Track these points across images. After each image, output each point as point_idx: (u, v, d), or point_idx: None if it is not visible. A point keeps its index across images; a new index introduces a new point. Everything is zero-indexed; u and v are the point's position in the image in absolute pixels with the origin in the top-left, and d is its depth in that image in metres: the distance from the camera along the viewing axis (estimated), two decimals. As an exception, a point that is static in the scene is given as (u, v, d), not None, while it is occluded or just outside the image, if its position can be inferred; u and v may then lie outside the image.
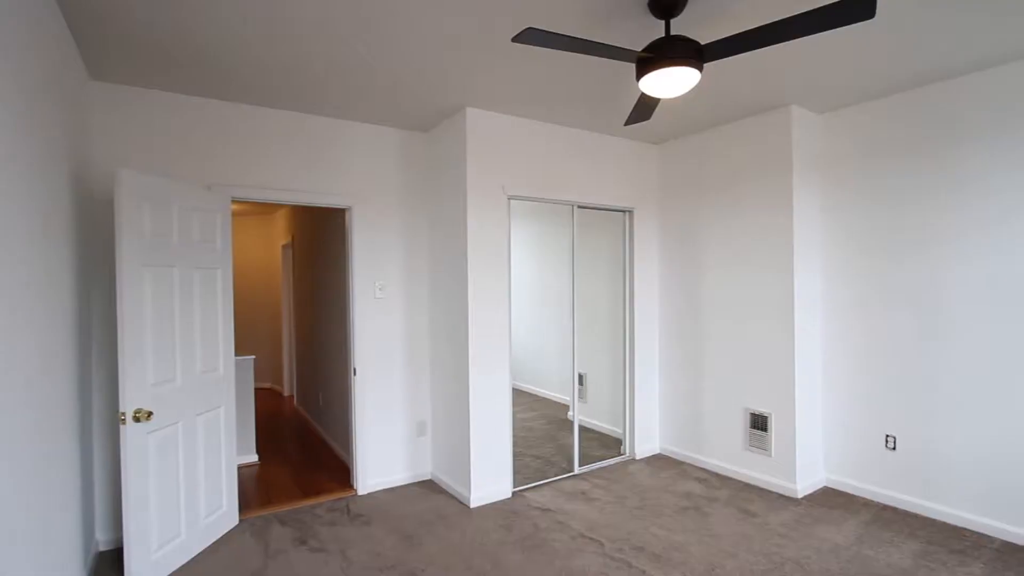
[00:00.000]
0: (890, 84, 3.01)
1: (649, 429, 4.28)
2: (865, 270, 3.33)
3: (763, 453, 3.55)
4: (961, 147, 2.91)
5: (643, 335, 4.22)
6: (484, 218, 3.38)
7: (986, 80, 2.82)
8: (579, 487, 3.65)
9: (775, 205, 3.44)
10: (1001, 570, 2.54)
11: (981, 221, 2.85)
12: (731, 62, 2.70)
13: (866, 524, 3.02)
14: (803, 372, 3.43)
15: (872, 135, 3.27)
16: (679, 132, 3.93)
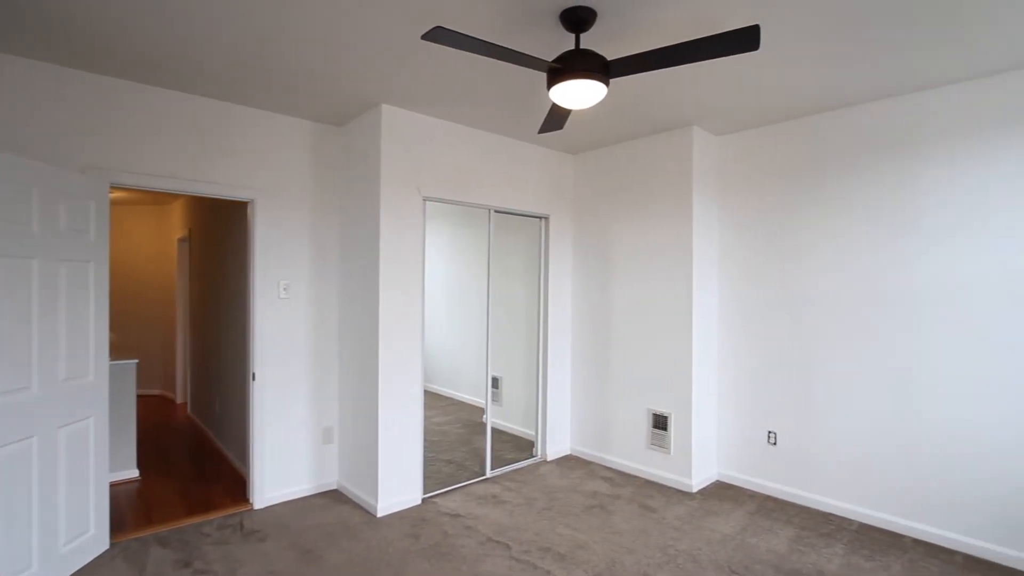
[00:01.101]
0: (776, 113, 3.31)
1: (561, 431, 4.38)
2: (754, 280, 3.63)
3: (663, 451, 3.76)
4: (828, 170, 3.26)
5: (556, 339, 4.32)
6: (398, 218, 3.31)
7: (850, 115, 3.18)
8: (490, 491, 3.65)
9: (677, 217, 3.66)
10: (858, 548, 2.86)
11: (845, 234, 3.21)
12: (640, 83, 2.85)
13: (751, 514, 3.29)
14: (700, 374, 3.67)
15: (762, 157, 3.58)
16: (593, 144, 4.08)
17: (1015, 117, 2.65)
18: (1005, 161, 2.68)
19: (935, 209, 2.89)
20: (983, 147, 2.75)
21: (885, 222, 3.06)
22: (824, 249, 3.30)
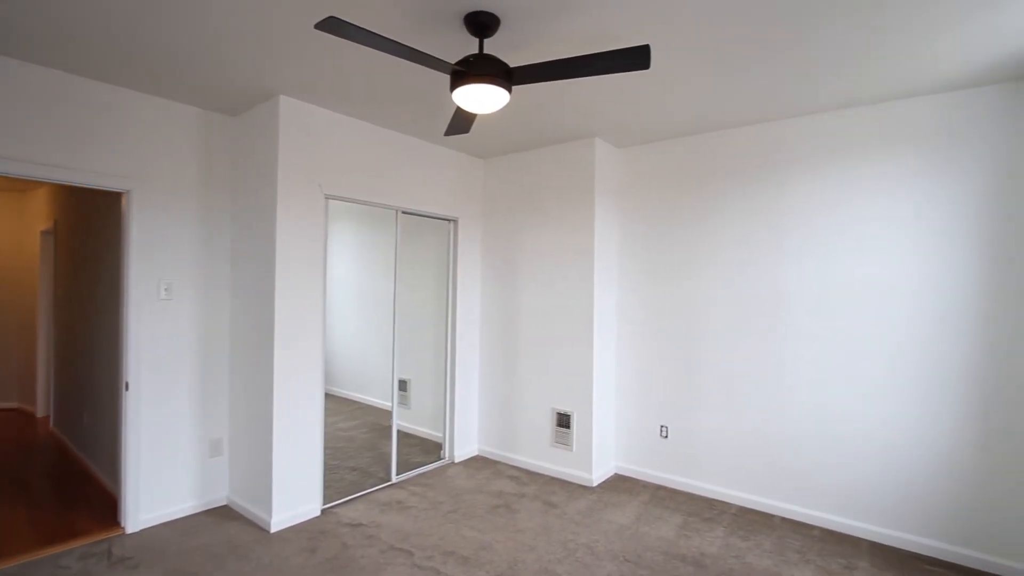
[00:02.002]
0: (670, 130, 3.56)
1: (468, 432, 4.39)
2: (650, 284, 3.87)
3: (566, 448, 3.89)
4: (715, 185, 3.57)
5: (465, 341, 4.33)
6: (297, 216, 3.15)
7: (732, 136, 3.50)
8: (395, 496, 3.58)
9: (580, 224, 3.82)
10: (736, 530, 3.14)
11: (729, 243, 3.52)
12: (545, 92, 2.93)
13: (644, 504, 3.49)
14: (600, 374, 3.85)
15: (658, 170, 3.83)
16: (502, 149, 4.14)
17: (863, 146, 3.05)
18: (858, 183, 3.08)
19: (800, 223, 3.25)
20: (839, 170, 3.13)
21: (761, 234, 3.40)
22: (711, 257, 3.59)
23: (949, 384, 2.81)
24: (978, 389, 2.74)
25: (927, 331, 2.87)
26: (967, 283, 2.77)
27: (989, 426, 2.71)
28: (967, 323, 2.77)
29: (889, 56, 2.42)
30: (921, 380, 2.88)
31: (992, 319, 2.71)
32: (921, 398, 2.88)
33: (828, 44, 2.32)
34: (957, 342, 2.79)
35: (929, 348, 2.86)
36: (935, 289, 2.84)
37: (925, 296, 2.87)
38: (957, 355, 2.79)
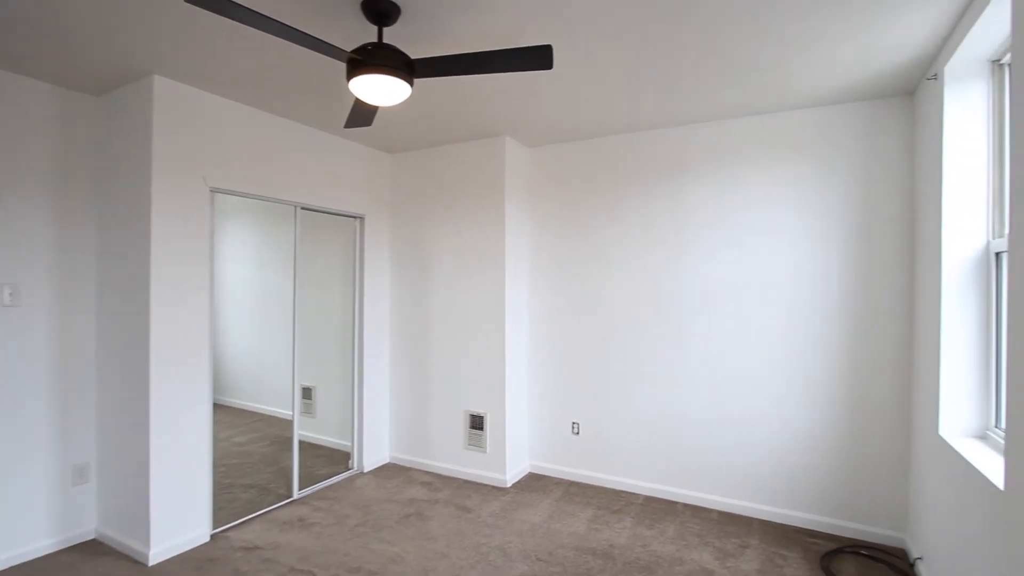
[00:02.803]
0: (578, 132, 3.62)
1: (379, 439, 4.21)
2: (560, 284, 3.93)
3: (480, 450, 3.85)
4: (623, 187, 3.69)
5: (373, 344, 4.15)
6: (178, 211, 2.83)
7: (638, 139, 3.63)
8: (297, 513, 3.34)
9: (491, 223, 3.79)
10: (643, 519, 3.26)
11: (636, 244, 3.65)
12: (456, 89, 2.86)
13: (557, 501, 3.53)
14: (513, 373, 3.84)
15: (568, 171, 3.89)
16: (411, 144, 4.00)
17: (755, 153, 3.28)
18: (751, 187, 3.31)
19: (700, 225, 3.44)
20: (734, 175, 3.35)
21: (666, 235, 3.55)
22: (619, 256, 3.70)
23: (823, 373, 3.10)
24: (846, 377, 3.05)
25: (805, 325, 3.14)
26: (838, 282, 3.07)
27: (855, 409, 3.03)
28: (837, 318, 3.07)
29: (776, 70, 2.61)
30: (801, 370, 3.15)
31: (855, 314, 3.02)
32: (801, 386, 3.15)
33: (724, 56, 2.45)
34: (829, 335, 3.08)
35: (807, 341, 3.14)
36: (812, 287, 3.12)
37: (804, 293, 3.14)
38: (829, 347, 3.08)
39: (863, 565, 2.74)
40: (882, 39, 2.28)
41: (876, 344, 2.98)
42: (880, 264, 2.97)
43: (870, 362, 2.99)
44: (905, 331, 2.91)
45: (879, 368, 2.97)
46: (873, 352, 2.98)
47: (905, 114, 2.90)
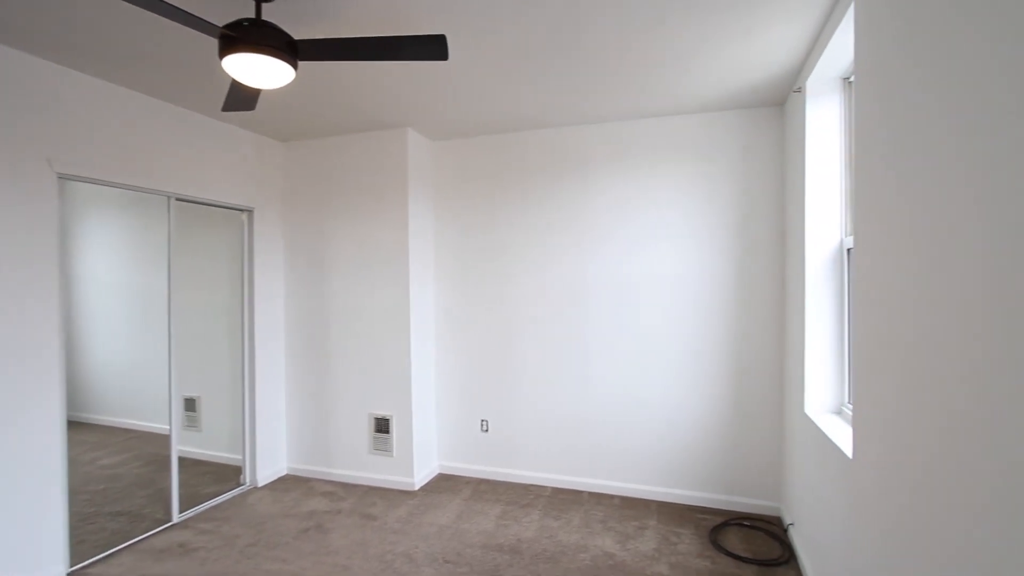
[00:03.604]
0: (484, 126, 3.59)
1: (275, 450, 3.92)
2: (468, 280, 3.89)
3: (386, 454, 3.71)
4: (531, 182, 3.72)
5: (267, 347, 3.85)
6: (12, 201, 2.41)
7: (545, 135, 3.68)
8: (178, 539, 3.01)
9: (394, 217, 3.65)
10: (550, 511, 3.31)
11: (543, 240, 3.69)
12: (353, 76, 2.70)
13: (466, 500, 3.50)
14: (419, 373, 3.75)
15: (475, 165, 3.85)
16: (306, 133, 3.75)
17: (650, 153, 3.44)
18: (646, 186, 3.46)
19: (601, 221, 3.56)
20: (632, 174, 3.49)
21: (569, 230, 3.63)
22: (523, 252, 3.73)
23: (710, 360, 3.34)
24: (730, 363, 3.30)
25: (694, 316, 3.36)
26: (722, 273, 3.31)
27: (737, 394, 3.29)
28: (721, 308, 3.31)
29: (662, 78, 2.75)
30: (690, 359, 3.37)
31: (736, 304, 3.28)
32: (691, 374, 3.37)
33: (614, 61, 2.53)
34: (714, 324, 3.32)
35: (696, 331, 3.36)
36: (700, 279, 3.35)
37: (693, 285, 3.36)
38: (715, 336, 3.33)
39: (745, 535, 2.99)
40: (752, 55, 2.48)
41: (754, 331, 3.26)
42: (757, 258, 3.25)
43: (749, 349, 3.27)
44: (778, 319, 3.21)
45: (757, 354, 3.25)
46: (752, 339, 3.26)
47: (777, 122, 3.20)
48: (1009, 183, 1.02)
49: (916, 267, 1.41)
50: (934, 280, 1.32)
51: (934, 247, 1.32)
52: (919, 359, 1.39)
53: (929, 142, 1.34)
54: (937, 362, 1.31)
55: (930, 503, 1.31)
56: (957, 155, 1.22)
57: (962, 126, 1.20)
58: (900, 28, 1.45)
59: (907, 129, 1.44)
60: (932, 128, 1.33)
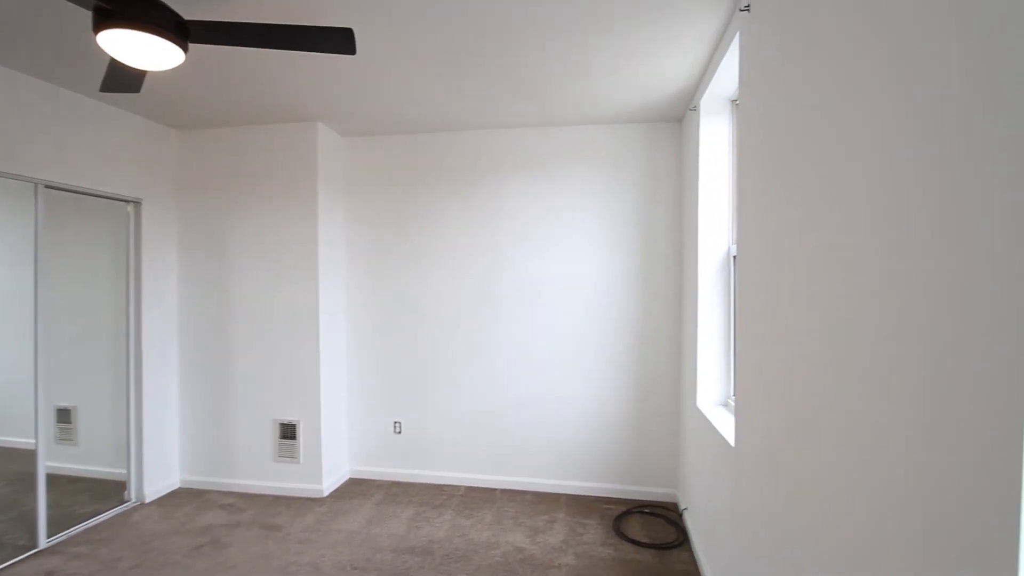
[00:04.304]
0: (398, 125, 3.53)
1: (166, 462, 3.61)
2: (381, 279, 3.80)
3: (292, 461, 3.55)
4: (441, 183, 3.71)
5: (156, 350, 3.54)
6: None
7: (459, 138, 3.68)
8: (45, 567, 2.69)
9: (303, 215, 3.50)
10: (463, 510, 3.33)
11: (451, 241, 3.70)
12: (257, 64, 2.55)
13: (377, 504, 3.43)
14: (329, 376, 3.62)
15: (387, 164, 3.78)
16: (206, 121, 3.49)
17: (562, 160, 3.55)
18: (557, 191, 3.57)
19: (513, 224, 3.62)
20: (543, 179, 3.58)
21: (482, 232, 3.66)
22: (437, 252, 3.72)
23: (615, 357, 3.52)
24: (633, 360, 3.50)
25: (602, 316, 3.53)
26: (627, 279, 3.50)
27: (639, 388, 3.50)
28: (626, 309, 3.50)
29: (568, 90, 2.86)
30: (598, 356, 3.53)
31: (640, 304, 3.49)
32: (598, 371, 3.53)
33: (522, 70, 2.60)
34: (620, 325, 3.51)
35: (603, 330, 3.53)
36: (605, 283, 3.52)
37: (599, 288, 3.52)
38: (620, 335, 3.51)
39: (646, 521, 3.18)
40: (654, 75, 2.66)
41: (655, 331, 3.48)
42: (658, 263, 3.47)
43: (650, 348, 3.48)
44: (676, 320, 3.45)
45: (657, 352, 3.48)
46: (653, 339, 3.48)
47: (676, 137, 3.43)
48: (855, 203, 1.17)
49: (778, 274, 1.59)
50: (794, 286, 1.49)
51: (794, 257, 1.49)
52: (783, 356, 1.56)
53: (793, 161, 1.50)
54: (797, 359, 1.47)
55: (798, 486, 1.47)
56: (813, 176, 1.39)
57: (822, 148, 1.36)
58: (775, 58, 1.62)
59: (778, 148, 1.61)
60: (797, 148, 1.49)
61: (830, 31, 1.23)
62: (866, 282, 1.06)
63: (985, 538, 0.74)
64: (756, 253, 1.79)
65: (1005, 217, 0.71)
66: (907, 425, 0.92)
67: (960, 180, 0.80)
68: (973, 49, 0.77)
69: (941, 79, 0.84)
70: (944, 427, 0.83)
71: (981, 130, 0.75)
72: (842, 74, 1.17)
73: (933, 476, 0.85)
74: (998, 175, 0.72)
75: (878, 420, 1.02)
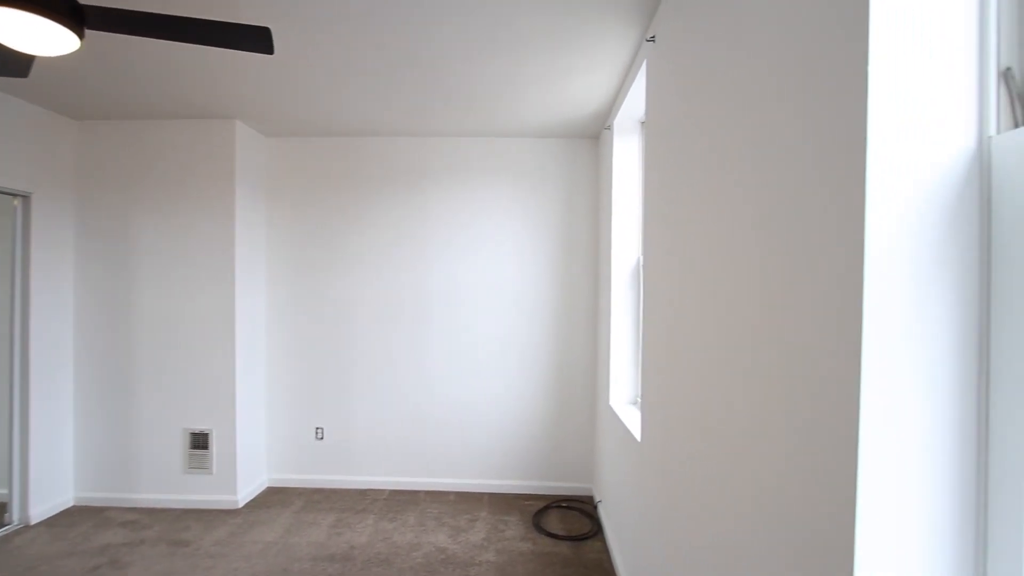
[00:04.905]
0: (323, 128, 3.48)
1: (57, 479, 3.32)
2: (303, 283, 3.72)
3: (204, 472, 3.38)
4: (371, 189, 3.69)
5: (47, 357, 3.25)
6: None
7: (387, 144, 3.68)
8: (-97, 600, 2.40)
9: (219, 215, 3.36)
10: (386, 513, 3.32)
11: (378, 246, 3.69)
12: (173, 55, 2.44)
13: (297, 512, 3.34)
14: (245, 382, 3.49)
15: (312, 166, 3.71)
16: (110, 112, 3.26)
17: (486, 170, 3.65)
18: (483, 199, 3.66)
19: (439, 230, 3.67)
20: (470, 187, 3.66)
21: (408, 238, 3.68)
22: (363, 257, 3.69)
23: (537, 358, 3.65)
24: (553, 360, 3.65)
25: (526, 320, 3.65)
26: (549, 285, 3.65)
27: (559, 388, 3.65)
28: (548, 313, 3.65)
29: (493, 103, 2.96)
30: (521, 357, 3.65)
31: (560, 309, 3.65)
32: (521, 371, 3.65)
33: (458, 85, 2.67)
34: (542, 327, 3.65)
35: (527, 333, 3.65)
36: (531, 290, 3.65)
37: (526, 295, 3.65)
38: (543, 337, 3.65)
39: (563, 515, 3.33)
40: (573, 96, 2.82)
41: (574, 334, 3.65)
42: (577, 270, 3.64)
43: (569, 350, 3.65)
44: (593, 323, 3.64)
45: (576, 354, 3.65)
46: (572, 341, 3.65)
47: (594, 153, 3.63)
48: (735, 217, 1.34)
49: (674, 280, 1.76)
50: (683, 292, 1.66)
51: (686, 264, 1.66)
52: (678, 356, 1.73)
53: (685, 177, 1.68)
54: (689, 359, 1.64)
55: (686, 476, 1.63)
56: (703, 191, 1.56)
57: (709, 165, 1.53)
58: (674, 84, 1.80)
59: (675, 165, 1.78)
60: (689, 165, 1.67)
61: (718, 64, 1.40)
62: (743, 290, 1.23)
63: (826, 529, 0.89)
64: (657, 261, 1.97)
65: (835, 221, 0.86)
66: (774, 423, 1.08)
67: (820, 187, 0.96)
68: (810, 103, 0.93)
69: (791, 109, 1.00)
70: (798, 425, 0.98)
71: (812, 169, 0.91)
72: (726, 102, 1.34)
73: (790, 469, 1.01)
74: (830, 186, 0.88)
75: (753, 416, 1.17)
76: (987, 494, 0.76)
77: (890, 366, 0.75)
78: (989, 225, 0.75)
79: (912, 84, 0.75)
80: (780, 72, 1.02)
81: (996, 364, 0.74)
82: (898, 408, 0.76)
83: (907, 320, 0.75)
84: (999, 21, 0.76)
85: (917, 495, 0.76)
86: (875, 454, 0.76)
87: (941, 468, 0.76)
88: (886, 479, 0.76)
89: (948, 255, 0.75)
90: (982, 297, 0.76)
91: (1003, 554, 0.74)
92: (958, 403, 0.76)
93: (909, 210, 0.75)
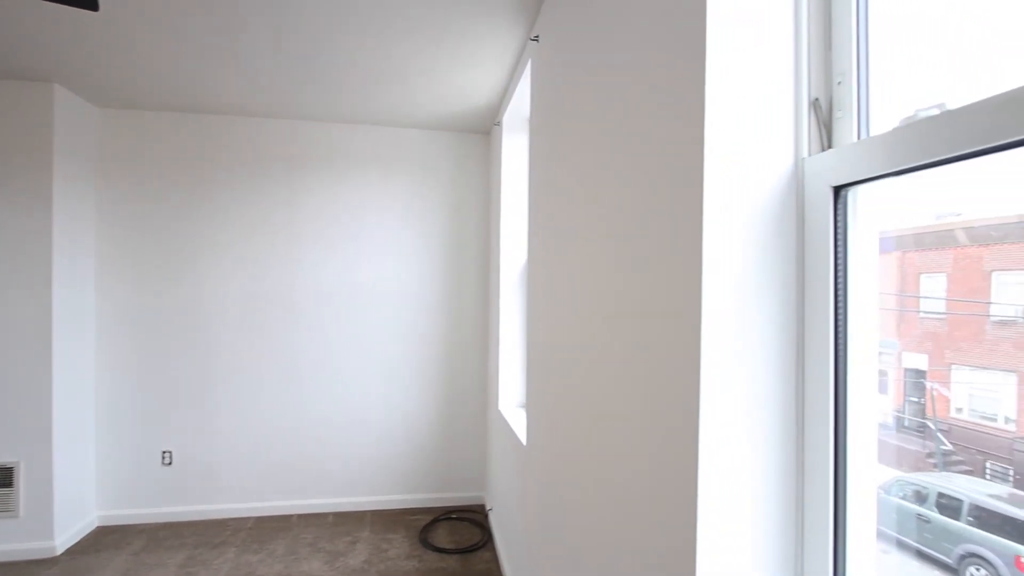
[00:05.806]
0: (172, 101, 3.01)
1: None
2: (145, 286, 3.19)
3: (8, 515, 2.74)
4: (233, 175, 3.27)
5: None
6: None
7: (255, 125, 3.29)
8: None
9: (29, 200, 2.74)
10: (250, 544, 2.95)
11: (241, 240, 3.28)
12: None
13: (137, 553, 2.84)
14: (67, 402, 2.89)
15: (158, 145, 3.19)
16: None
17: (369, 160, 3.41)
18: (365, 192, 3.41)
19: (314, 224, 3.36)
20: (350, 177, 3.39)
21: (277, 231, 3.32)
22: (222, 254, 3.26)
23: (422, 365, 3.49)
24: (441, 367, 3.52)
25: (409, 325, 3.47)
26: (436, 286, 3.51)
27: (447, 395, 3.53)
28: (435, 315, 3.51)
29: (382, 90, 2.76)
30: (405, 364, 3.47)
31: (448, 312, 3.53)
32: (405, 379, 3.47)
33: (335, 64, 2.42)
34: (428, 332, 3.50)
35: (409, 338, 3.47)
36: (417, 292, 3.48)
37: (412, 298, 3.47)
38: (429, 342, 3.50)
39: (452, 527, 3.20)
40: (461, 88, 2.72)
41: (463, 339, 3.55)
42: (467, 271, 3.55)
43: (459, 354, 3.54)
44: (483, 326, 3.57)
45: (465, 359, 3.55)
46: (461, 346, 3.54)
47: (484, 148, 3.56)
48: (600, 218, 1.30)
49: (553, 284, 1.72)
50: (558, 295, 1.62)
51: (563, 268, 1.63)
52: (557, 359, 1.69)
53: (563, 178, 1.64)
54: (564, 362, 1.60)
55: (572, 478, 1.59)
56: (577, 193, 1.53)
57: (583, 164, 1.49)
58: (555, 84, 1.76)
59: (555, 164, 1.75)
60: (566, 166, 1.63)
61: (592, 68, 1.37)
62: (607, 295, 1.20)
63: (670, 520, 0.87)
64: (539, 263, 1.93)
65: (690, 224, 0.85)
66: (637, 423, 1.06)
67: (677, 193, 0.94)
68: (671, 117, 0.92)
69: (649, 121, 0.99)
70: (655, 423, 0.96)
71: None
72: (596, 107, 1.31)
73: (652, 467, 0.98)
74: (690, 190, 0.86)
75: (618, 417, 1.15)
76: (803, 475, 0.86)
77: (725, 366, 0.85)
78: (803, 233, 0.88)
79: (741, 111, 0.84)
80: (640, 85, 1.04)
81: (808, 354, 0.86)
82: (732, 397, 0.85)
83: (738, 323, 0.85)
84: (809, 58, 0.88)
85: (749, 479, 0.86)
86: (712, 447, 0.83)
87: (766, 447, 0.87)
88: (721, 471, 0.84)
89: (773, 259, 0.87)
90: (799, 300, 0.88)
91: (816, 534, 0.83)
92: (780, 392, 0.88)
93: (739, 220, 0.85)
